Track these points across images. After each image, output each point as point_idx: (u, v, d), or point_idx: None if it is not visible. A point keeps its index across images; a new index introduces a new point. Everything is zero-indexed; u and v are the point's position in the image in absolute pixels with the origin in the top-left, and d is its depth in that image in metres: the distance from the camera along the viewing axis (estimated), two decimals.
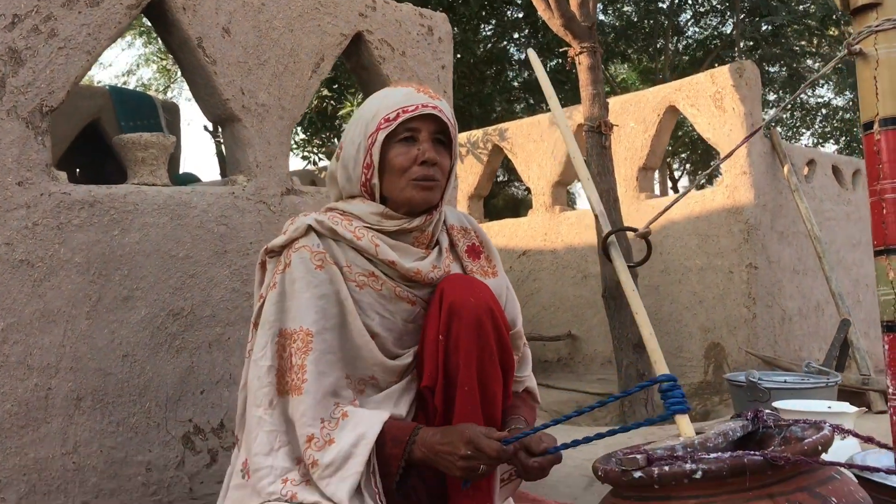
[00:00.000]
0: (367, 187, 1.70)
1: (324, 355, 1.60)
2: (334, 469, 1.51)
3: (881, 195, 1.07)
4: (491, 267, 1.84)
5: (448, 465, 1.50)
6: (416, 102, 1.66)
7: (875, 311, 5.79)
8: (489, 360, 1.65)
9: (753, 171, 4.86)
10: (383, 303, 1.69)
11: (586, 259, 5.86)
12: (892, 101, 1.08)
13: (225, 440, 2.40)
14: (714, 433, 1.29)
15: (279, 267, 1.67)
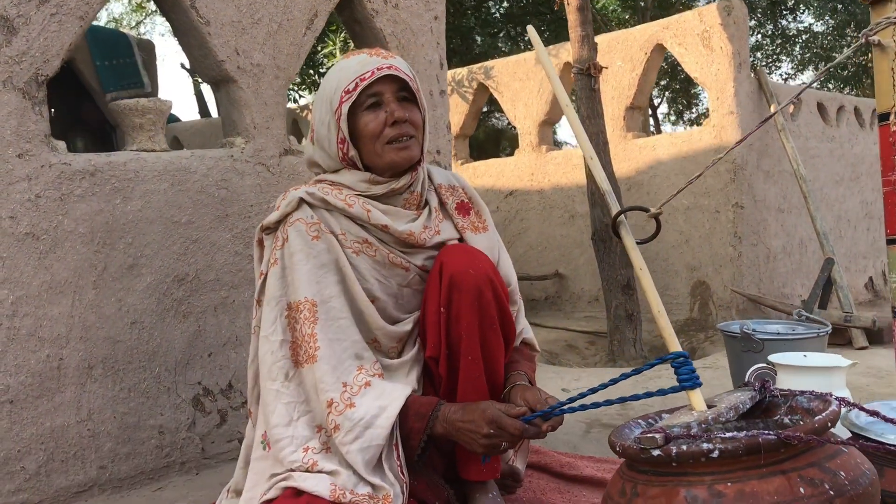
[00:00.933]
0: (347, 160, 1.72)
1: (332, 322, 1.63)
2: (354, 436, 1.55)
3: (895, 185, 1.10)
4: (481, 222, 1.87)
5: (470, 442, 1.56)
6: (370, 68, 1.66)
7: (856, 245, 5.91)
8: (490, 329, 1.70)
9: (741, 110, 4.87)
10: (378, 268, 1.72)
11: (573, 199, 5.90)
12: None
13: (234, 400, 2.45)
14: (725, 407, 1.34)
15: (277, 243, 1.69)
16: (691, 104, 17.88)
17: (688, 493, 1.17)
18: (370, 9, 2.81)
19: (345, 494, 1.52)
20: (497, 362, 1.73)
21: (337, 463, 1.59)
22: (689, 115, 18.18)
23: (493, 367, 1.73)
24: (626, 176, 5.23)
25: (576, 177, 5.87)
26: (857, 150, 5.95)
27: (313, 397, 1.62)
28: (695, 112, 18.21)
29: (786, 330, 2.64)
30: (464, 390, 1.69)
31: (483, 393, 1.69)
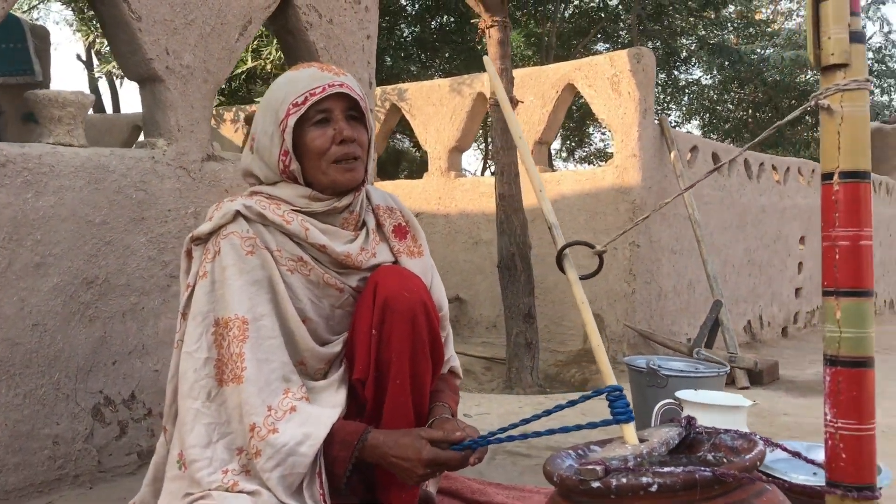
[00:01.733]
0: (288, 173, 1.67)
1: (262, 341, 1.59)
2: (276, 463, 1.51)
3: (835, 241, 1.18)
4: (417, 247, 1.86)
5: (402, 475, 1.54)
6: (321, 83, 1.64)
7: (738, 289, 6.24)
8: (421, 354, 1.69)
9: (643, 154, 5.09)
10: (311, 288, 1.69)
11: (478, 226, 5.98)
12: (852, 156, 1.18)
13: (136, 412, 2.35)
14: (658, 442, 1.39)
15: (208, 255, 1.63)
16: (583, 143, 18.50)
17: None
18: (304, 21, 2.79)
19: None
20: (424, 387, 1.73)
21: (258, 484, 1.54)
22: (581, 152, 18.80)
23: (421, 392, 1.72)
24: (531, 207, 5.34)
25: (482, 204, 5.96)
26: (745, 200, 6.30)
27: (235, 419, 1.57)
28: (586, 150, 18.84)
29: (688, 368, 2.76)
30: (389, 415, 1.67)
31: (409, 419, 1.68)
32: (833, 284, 1.20)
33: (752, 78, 16.22)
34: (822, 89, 1.21)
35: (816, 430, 3.33)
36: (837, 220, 1.19)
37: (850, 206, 1.19)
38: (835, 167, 1.19)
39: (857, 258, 1.19)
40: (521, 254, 4.67)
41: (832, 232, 1.20)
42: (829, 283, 1.20)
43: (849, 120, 1.19)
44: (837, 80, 1.19)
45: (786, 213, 6.99)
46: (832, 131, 1.20)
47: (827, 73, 1.21)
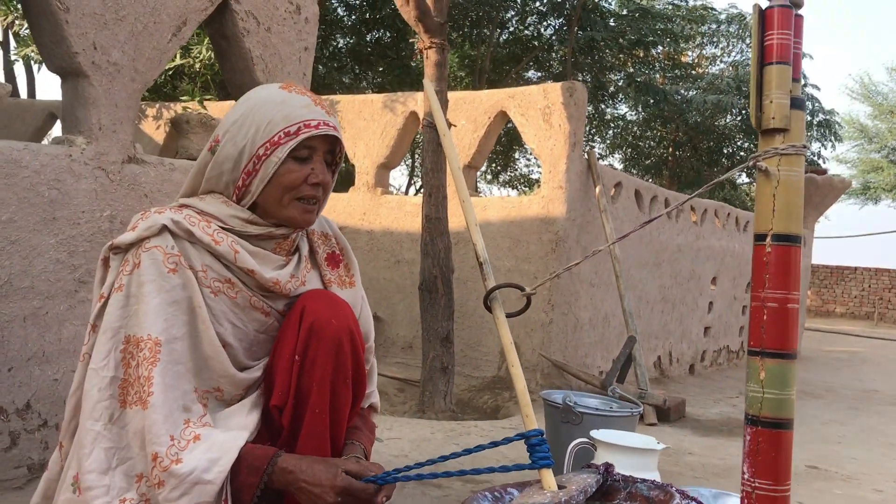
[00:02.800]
0: (240, 191, 1.60)
1: (172, 366, 1.51)
2: (181, 493, 1.43)
3: (764, 302, 1.19)
4: (349, 276, 1.81)
5: (310, 503, 1.48)
6: (318, 118, 1.58)
7: (651, 325, 6.38)
8: (343, 384, 1.64)
9: (569, 186, 5.15)
10: (237, 311, 1.62)
11: (401, 245, 5.95)
12: (786, 219, 1.20)
13: (29, 422, 2.22)
14: (576, 490, 1.38)
15: (126, 267, 1.53)
16: (508, 167, 18.74)
17: None
18: (242, 27, 2.71)
19: None
20: (343, 418, 1.68)
21: None
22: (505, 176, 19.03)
23: (338, 423, 1.67)
24: (456, 230, 5.34)
25: (406, 223, 5.93)
26: (663, 239, 6.46)
27: (136, 444, 1.48)
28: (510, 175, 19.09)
29: (603, 406, 2.78)
30: (304, 444, 1.61)
31: (325, 449, 1.62)
32: (759, 344, 1.21)
33: (675, 118, 16.77)
34: (760, 151, 1.23)
35: (720, 472, 3.41)
36: (767, 282, 1.21)
37: (781, 269, 1.20)
38: (768, 229, 1.21)
39: (785, 320, 1.21)
40: (443, 277, 4.66)
41: (762, 293, 1.21)
42: (755, 343, 1.21)
43: (784, 184, 1.21)
44: (776, 144, 1.21)
45: (700, 253, 7.20)
46: (768, 194, 1.22)
47: (766, 136, 1.23)
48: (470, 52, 15.05)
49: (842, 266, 22.67)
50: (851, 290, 22.48)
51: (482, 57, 14.41)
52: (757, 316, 1.21)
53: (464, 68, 15.29)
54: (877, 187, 26.02)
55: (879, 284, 22.11)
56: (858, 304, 22.30)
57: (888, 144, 25.88)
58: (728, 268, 7.90)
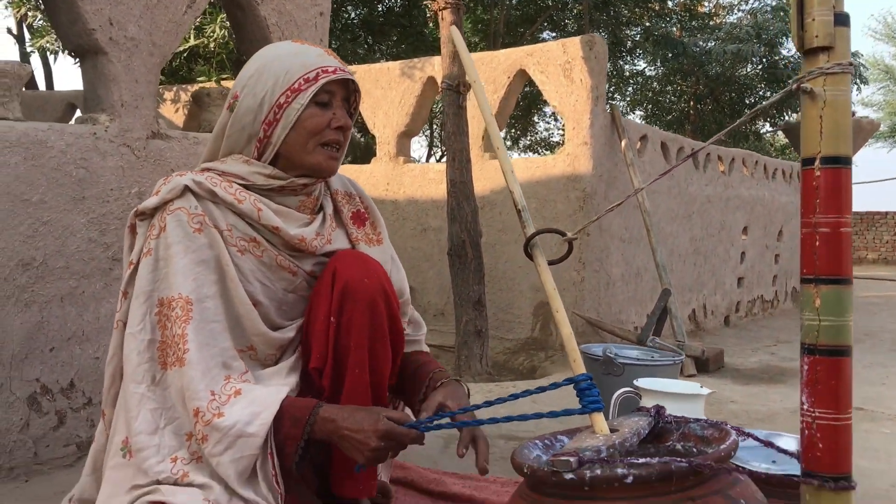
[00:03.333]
0: (262, 144, 1.60)
1: (206, 324, 1.52)
2: (224, 447, 1.44)
3: (816, 227, 1.15)
4: (376, 234, 1.80)
5: (354, 451, 1.47)
6: (333, 65, 1.60)
7: (684, 278, 6.31)
8: (381, 342, 1.64)
9: (594, 142, 5.08)
10: (263, 270, 1.62)
11: (426, 213, 5.92)
12: (834, 141, 1.15)
13: (74, 401, 2.24)
14: (629, 433, 1.35)
15: (153, 231, 1.54)
16: (528, 131, 18.58)
17: None
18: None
19: None
20: (383, 377, 1.68)
21: (209, 475, 1.47)
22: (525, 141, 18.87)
23: (379, 382, 1.67)
24: (481, 194, 5.30)
25: (430, 191, 5.90)
26: (692, 190, 6.37)
27: (179, 403, 1.49)
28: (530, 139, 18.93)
29: (644, 356, 2.75)
30: (346, 404, 1.61)
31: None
32: (812, 272, 1.17)
33: (695, 70, 16.47)
34: (804, 72, 1.18)
35: (764, 418, 3.37)
36: (818, 207, 1.16)
37: (832, 193, 1.16)
38: (816, 152, 1.17)
39: (839, 245, 1.16)
40: (471, 241, 4.63)
41: (812, 218, 1.17)
42: (809, 271, 1.17)
43: (831, 104, 1.16)
44: (820, 64, 1.16)
45: (730, 203, 7.10)
46: (814, 116, 1.17)
47: (809, 56, 1.18)
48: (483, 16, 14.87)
49: (872, 211, 22.31)
50: (883, 236, 22.14)
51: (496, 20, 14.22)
52: (809, 242, 1.17)
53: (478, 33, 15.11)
54: None
55: None
56: (890, 249, 21.96)
57: None
58: (758, 217, 7.78)
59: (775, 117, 17.19)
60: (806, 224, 1.18)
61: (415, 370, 1.76)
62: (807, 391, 1.17)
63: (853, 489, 1.15)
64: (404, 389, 1.77)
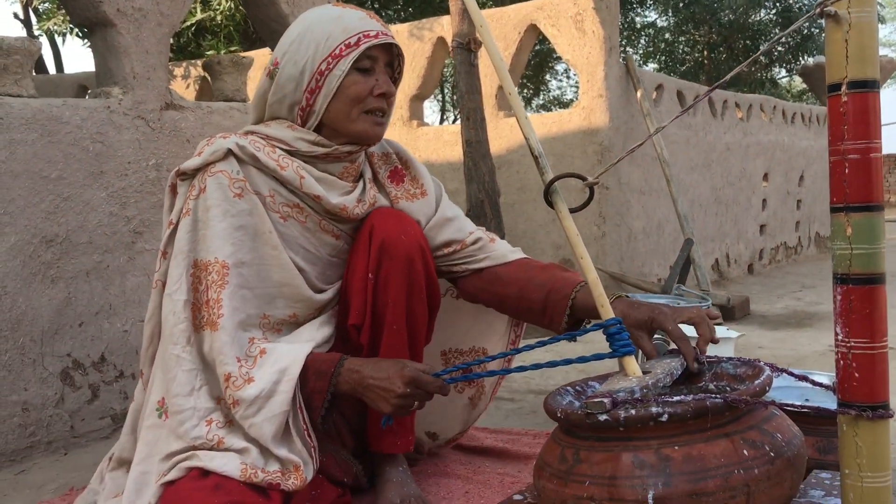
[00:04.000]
0: (305, 112, 1.58)
1: (239, 289, 1.52)
2: (257, 409, 1.46)
3: (844, 155, 1.13)
4: (418, 187, 1.77)
5: (379, 400, 1.47)
6: (374, 28, 1.55)
7: (706, 228, 6.26)
8: (418, 299, 1.64)
9: (609, 94, 5.02)
10: (307, 236, 1.62)
11: (443, 175, 5.89)
12: (861, 64, 1.12)
13: (106, 374, 2.26)
14: (661, 373, 1.35)
15: (192, 192, 1.54)
16: (540, 90, 18.38)
17: (635, 457, 1.16)
18: None
19: (256, 474, 1.43)
20: (420, 334, 1.68)
21: (243, 438, 1.48)
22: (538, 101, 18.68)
23: (416, 339, 1.67)
24: (497, 154, 5.26)
25: (446, 154, 5.87)
26: (710, 139, 6.29)
27: (210, 366, 1.51)
28: (543, 99, 18.74)
29: (672, 303, 2.73)
30: None
31: None
32: (843, 200, 1.15)
33: (707, 18, 16.19)
34: None
35: (794, 362, 3.35)
36: (846, 133, 1.14)
37: (860, 118, 1.13)
38: (843, 77, 1.13)
39: (868, 171, 1.14)
40: (490, 200, 4.60)
41: (841, 145, 1.14)
42: (839, 199, 1.15)
43: (856, 27, 1.13)
44: None
45: (749, 150, 7.00)
46: (839, 40, 1.14)
47: None
48: None
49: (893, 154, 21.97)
50: None
51: None
52: (838, 170, 1.15)
53: None
54: None
55: None
56: None
57: None
58: (779, 163, 7.68)
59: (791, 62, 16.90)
60: (834, 152, 1.15)
61: (539, 288, 1.64)
62: (841, 321, 1.16)
63: (892, 416, 1.14)
64: (527, 310, 1.67)
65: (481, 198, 4.58)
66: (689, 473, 1.13)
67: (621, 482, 1.15)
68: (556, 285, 1.61)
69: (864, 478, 1.15)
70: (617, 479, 1.15)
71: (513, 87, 1.53)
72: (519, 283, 1.66)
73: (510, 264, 1.72)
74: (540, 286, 1.63)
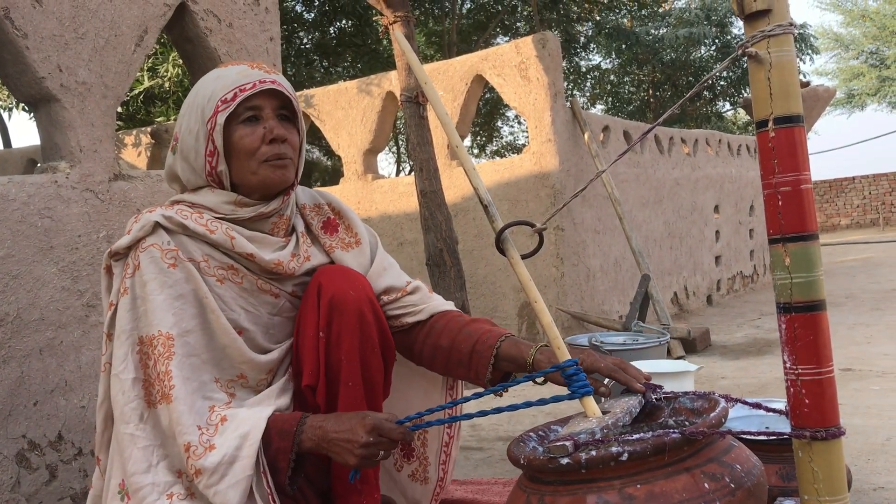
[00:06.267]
0: (214, 175, 1.59)
1: (187, 358, 1.51)
2: (220, 476, 1.43)
3: (776, 188, 1.17)
4: (352, 236, 1.78)
5: (344, 453, 1.45)
6: (252, 79, 1.57)
7: (662, 262, 6.36)
8: (371, 352, 1.64)
9: (557, 138, 5.12)
10: (245, 296, 1.62)
11: (401, 226, 5.92)
12: (784, 100, 1.17)
13: (64, 453, 2.20)
14: (621, 412, 1.36)
15: (128, 270, 1.54)
16: (493, 137, 18.64)
17: (599, 498, 1.17)
18: (203, 27, 2.67)
19: None
20: (377, 388, 1.67)
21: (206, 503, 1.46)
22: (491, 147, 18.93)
23: (374, 393, 1.66)
24: (452, 202, 5.32)
25: (403, 205, 5.90)
26: (659, 175, 6.43)
27: (170, 439, 1.48)
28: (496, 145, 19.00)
29: (629, 340, 2.76)
30: None
31: None
32: (778, 231, 1.19)
33: (650, 58, 16.64)
34: (748, 37, 1.20)
35: (756, 389, 3.40)
36: (777, 167, 1.18)
37: (788, 151, 1.18)
38: (768, 114, 1.19)
39: (800, 202, 1.18)
40: (448, 249, 4.63)
41: (773, 179, 1.19)
42: (775, 231, 1.19)
43: (777, 66, 1.18)
44: (762, 27, 1.18)
45: (699, 184, 7.16)
46: (762, 79, 1.19)
47: (751, 21, 1.20)
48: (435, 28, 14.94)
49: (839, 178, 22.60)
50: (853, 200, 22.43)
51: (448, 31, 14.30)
52: (772, 203, 1.19)
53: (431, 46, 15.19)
54: (861, 93, 25.89)
55: (880, 189, 22.06)
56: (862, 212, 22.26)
57: (865, 49, 25.72)
58: (728, 194, 7.87)
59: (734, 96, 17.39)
60: (767, 185, 1.20)
61: (468, 337, 1.66)
62: (787, 349, 1.19)
63: (843, 434, 1.16)
64: (457, 362, 1.67)
65: (440, 246, 4.60)
66: None
67: None
68: (483, 336, 1.64)
69: (822, 502, 1.17)
70: None
71: (459, 140, 1.57)
72: (451, 334, 1.67)
73: (444, 315, 1.73)
74: (468, 335, 1.66)
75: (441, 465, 1.86)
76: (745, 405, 1.40)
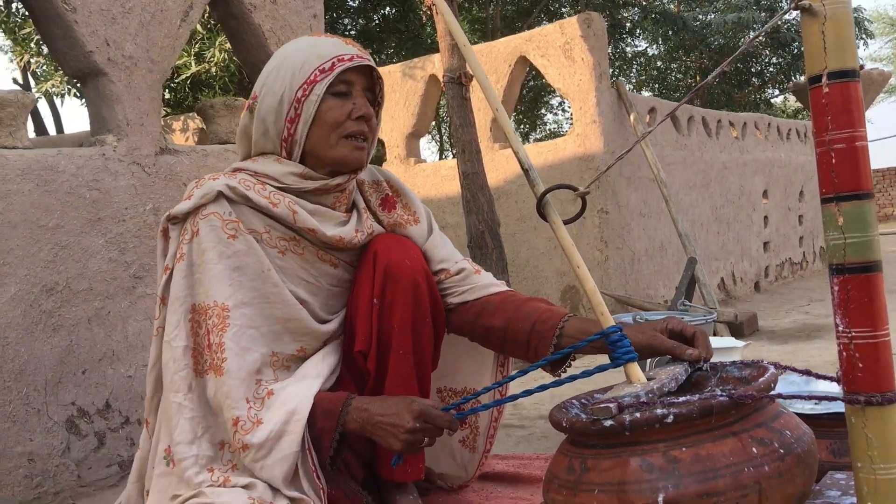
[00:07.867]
0: (288, 143, 1.58)
1: (243, 331, 1.51)
2: (267, 451, 1.44)
3: (830, 146, 1.13)
4: (410, 213, 1.76)
5: (388, 437, 1.45)
6: (350, 53, 1.56)
7: (709, 247, 6.25)
8: (423, 323, 1.63)
9: (602, 119, 5.05)
10: (307, 268, 1.61)
11: (443, 210, 5.91)
12: (839, 54, 1.13)
13: (112, 421, 2.25)
14: (667, 378, 1.33)
15: (185, 236, 1.53)
16: (537, 125, 18.51)
17: (643, 461, 1.15)
18: (248, 3, 2.69)
19: None
20: (427, 357, 1.66)
21: (249, 476, 1.47)
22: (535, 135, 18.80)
23: (423, 364, 1.65)
24: (494, 185, 5.28)
25: (445, 188, 5.89)
26: (707, 158, 6.31)
27: (212, 409, 1.50)
28: (540, 133, 18.86)
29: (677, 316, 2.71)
30: (391, 386, 1.60)
31: (412, 390, 1.61)
32: (832, 190, 1.14)
33: (697, 44, 16.35)
34: None
35: None
36: (830, 123, 1.14)
37: (842, 107, 1.13)
38: (822, 68, 1.14)
39: (855, 159, 1.14)
40: (490, 231, 4.61)
41: (826, 136, 1.14)
42: (828, 190, 1.15)
43: (832, 17, 1.14)
44: None
45: (747, 168, 7.03)
46: (816, 32, 1.14)
47: None
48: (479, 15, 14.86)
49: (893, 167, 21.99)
50: None
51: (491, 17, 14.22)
52: (825, 161, 1.15)
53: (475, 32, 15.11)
54: None
55: None
56: None
57: None
58: (777, 179, 7.70)
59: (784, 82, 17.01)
60: (820, 143, 1.15)
61: (526, 317, 1.62)
62: (840, 312, 1.15)
63: None
64: (513, 341, 1.63)
65: (481, 229, 4.58)
66: (699, 474, 1.11)
67: (630, 487, 1.13)
68: (543, 316, 1.59)
69: (876, 470, 1.13)
70: (626, 485, 1.13)
71: (499, 103, 1.54)
72: (506, 315, 1.63)
73: (496, 296, 1.69)
74: (526, 316, 1.60)
75: (489, 438, 1.85)
76: (795, 372, 1.36)
